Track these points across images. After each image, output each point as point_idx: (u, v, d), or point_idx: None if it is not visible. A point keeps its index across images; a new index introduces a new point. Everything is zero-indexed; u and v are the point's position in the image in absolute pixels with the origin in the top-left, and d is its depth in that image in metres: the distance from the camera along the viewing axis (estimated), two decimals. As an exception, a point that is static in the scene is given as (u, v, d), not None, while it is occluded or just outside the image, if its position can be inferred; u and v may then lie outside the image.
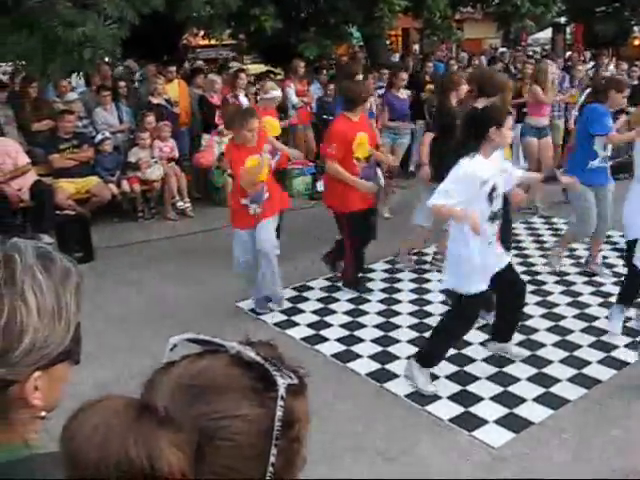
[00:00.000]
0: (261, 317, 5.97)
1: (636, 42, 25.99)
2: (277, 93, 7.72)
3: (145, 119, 9.26)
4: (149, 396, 0.97)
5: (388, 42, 22.75)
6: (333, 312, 6.02)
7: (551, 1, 13.50)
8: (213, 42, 15.13)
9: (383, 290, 6.49)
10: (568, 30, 27.10)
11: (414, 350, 5.20)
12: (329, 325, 5.77)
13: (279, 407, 0.96)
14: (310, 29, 10.89)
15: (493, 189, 4.44)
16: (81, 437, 0.87)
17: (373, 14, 10.49)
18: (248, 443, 0.94)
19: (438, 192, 4.37)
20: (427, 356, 4.75)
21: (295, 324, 5.82)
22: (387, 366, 5.04)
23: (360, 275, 6.62)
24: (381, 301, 6.23)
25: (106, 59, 10.00)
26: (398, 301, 6.22)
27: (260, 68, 13.36)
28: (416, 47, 24.18)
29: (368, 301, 6.24)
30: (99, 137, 9.06)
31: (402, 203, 8.67)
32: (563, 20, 24.63)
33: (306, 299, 6.32)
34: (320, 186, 9.09)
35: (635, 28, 24.54)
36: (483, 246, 4.46)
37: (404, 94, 9.66)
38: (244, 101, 9.82)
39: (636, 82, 10.39)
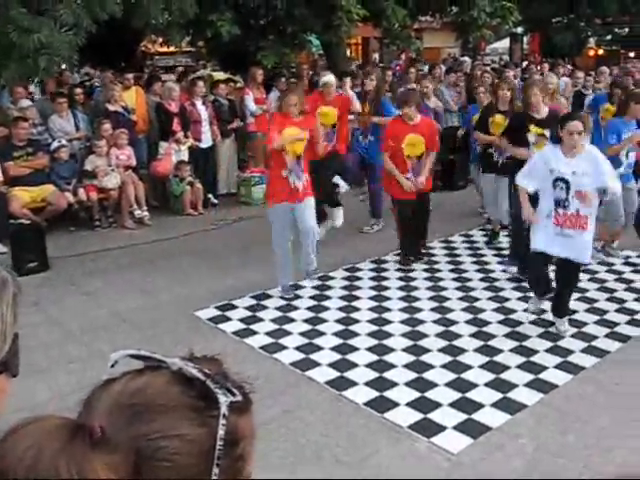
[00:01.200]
0: (219, 326, 5.91)
1: (591, 52, 26.49)
2: (326, 79, 8.06)
3: (102, 126, 9.15)
4: (87, 415, 0.93)
5: (348, 51, 22.89)
6: (292, 320, 5.99)
7: (508, 12, 13.68)
8: (172, 50, 15.07)
9: (342, 298, 6.48)
10: (525, 40, 27.51)
11: (373, 358, 5.22)
12: (288, 333, 5.74)
13: (221, 426, 0.92)
14: (268, 37, 10.86)
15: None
16: (12, 457, 0.83)
17: (331, 22, 10.52)
18: (188, 463, 0.90)
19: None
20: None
21: (254, 333, 5.77)
22: (346, 374, 5.02)
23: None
24: (340, 309, 6.22)
25: (63, 66, 9.86)
26: (357, 309, 6.22)
27: (219, 76, 13.28)
28: (376, 56, 24.33)
29: (327, 309, 6.22)
30: (55, 144, 8.92)
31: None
32: (520, 30, 25.02)
33: (265, 307, 6.29)
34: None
35: (590, 39, 25.01)
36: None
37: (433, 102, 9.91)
38: (202, 109, 9.78)
39: (590, 91, 10.57)
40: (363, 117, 8.46)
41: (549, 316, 5.94)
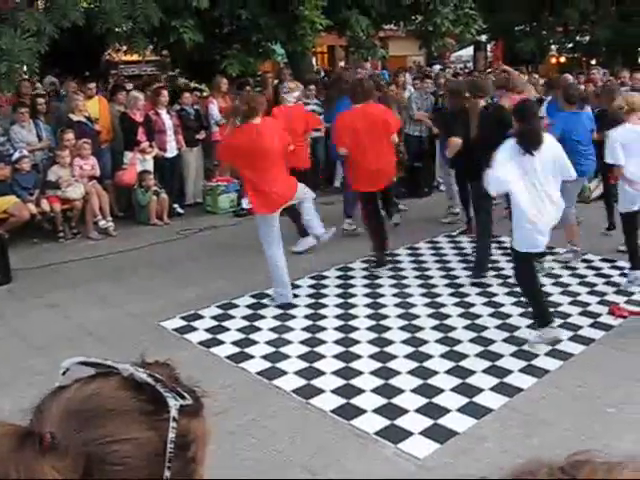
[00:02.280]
0: (185, 336, 5.88)
1: (553, 60, 26.88)
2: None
3: (65, 136, 9.06)
4: (37, 422, 0.95)
5: (314, 59, 22.96)
6: (258, 329, 5.98)
7: (470, 20, 13.82)
8: (137, 58, 14.98)
9: (308, 306, 6.48)
10: (489, 48, 27.83)
11: (339, 365, 5.23)
12: (254, 342, 5.72)
13: (171, 429, 0.93)
14: (233, 46, 10.85)
15: None
16: None
17: (295, 32, 10.54)
18: (139, 466, 0.92)
19: None
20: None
21: (220, 342, 5.75)
22: (313, 382, 5.02)
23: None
24: (306, 317, 6.23)
25: (25, 75, 9.76)
26: (323, 316, 6.22)
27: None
28: (342, 64, 24.42)
29: (293, 317, 6.22)
30: (16, 155, 8.79)
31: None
32: (484, 38, 25.30)
33: (231, 317, 6.26)
34: (245, 203, 9.07)
35: (552, 46, 25.37)
36: None
37: None
38: (166, 118, 9.73)
39: (550, 98, 10.66)
40: None
41: (513, 321, 6.02)
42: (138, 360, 1.03)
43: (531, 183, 5.29)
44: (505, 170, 5.27)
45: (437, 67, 24.51)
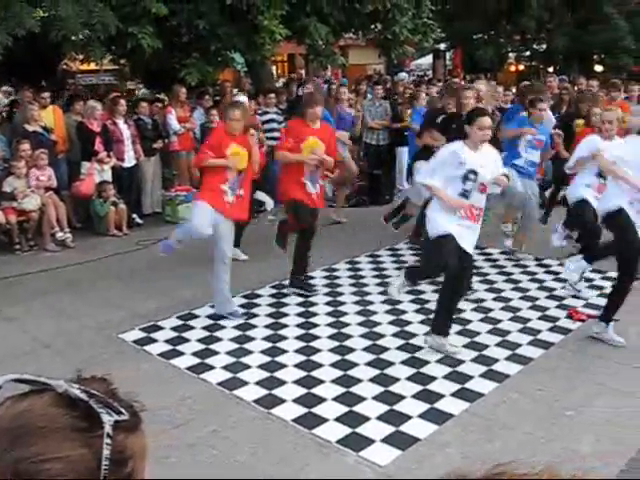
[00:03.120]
0: (145, 348, 5.80)
1: (512, 68, 27.28)
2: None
3: (20, 147, 8.90)
4: None
5: (274, 67, 22.95)
6: (219, 339, 5.92)
7: (429, 29, 13.93)
8: (95, 67, 14.82)
9: (269, 315, 6.45)
10: (448, 56, 28.13)
11: (301, 374, 5.21)
12: (215, 353, 5.66)
13: (105, 445, 0.91)
14: (191, 54, 10.79)
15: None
16: None
17: (254, 41, 10.51)
18: None
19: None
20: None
21: (180, 353, 5.68)
22: (274, 392, 4.99)
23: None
24: (267, 326, 6.19)
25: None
26: (284, 325, 6.20)
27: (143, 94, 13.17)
28: (302, 72, 24.46)
29: (254, 327, 6.18)
30: (-30, 167, 8.64)
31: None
32: (443, 46, 25.59)
33: (191, 327, 6.20)
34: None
35: (510, 55, 25.76)
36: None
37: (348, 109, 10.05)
38: (124, 128, 9.63)
39: (509, 105, 10.83)
40: None
41: (473, 326, 6.06)
42: (74, 376, 1.01)
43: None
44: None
45: (403, 75, 24.74)
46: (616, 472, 3.98)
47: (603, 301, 6.57)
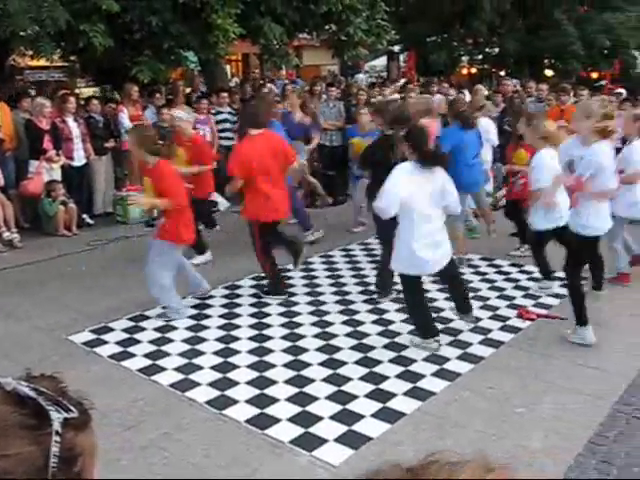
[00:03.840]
0: (95, 350, 5.71)
1: (464, 71, 27.64)
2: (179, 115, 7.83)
3: (-34, 145, 8.70)
4: None
5: (228, 67, 22.86)
6: (171, 341, 5.86)
7: (382, 31, 14.01)
8: (44, 64, 14.54)
9: (222, 316, 6.41)
10: (402, 58, 28.36)
11: (253, 375, 5.19)
12: (167, 354, 5.60)
13: (54, 443, 0.91)
14: (144, 52, 10.66)
15: None
16: None
17: (208, 40, 10.43)
18: None
19: None
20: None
21: (131, 355, 5.61)
22: (226, 392, 4.96)
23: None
24: (220, 327, 6.15)
25: None
26: (237, 326, 6.16)
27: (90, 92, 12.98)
28: (256, 72, 24.42)
29: (207, 328, 6.13)
30: None
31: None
32: (397, 48, 25.78)
33: (143, 329, 6.12)
34: (156, 213, 8.88)
35: (463, 58, 26.09)
36: None
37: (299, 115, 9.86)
38: (73, 126, 9.48)
39: (464, 108, 10.91)
40: None
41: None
42: (23, 374, 1.00)
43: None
44: None
45: (361, 76, 24.87)
46: (564, 468, 4.06)
47: (553, 300, 6.73)
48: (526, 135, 6.83)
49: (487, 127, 8.88)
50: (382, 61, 29.75)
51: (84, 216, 9.76)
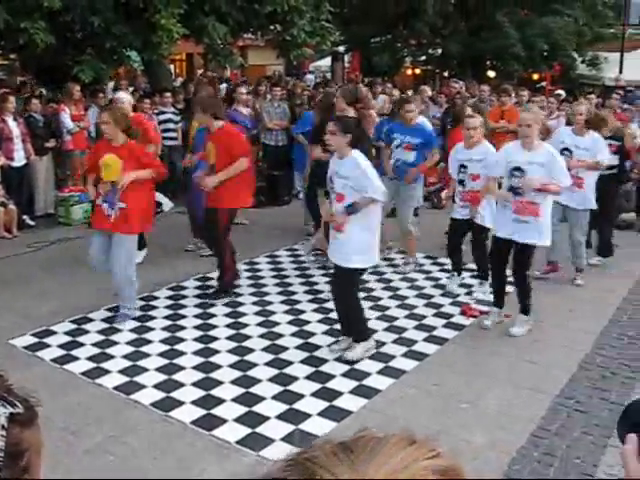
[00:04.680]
0: (37, 354, 5.61)
1: (409, 72, 27.94)
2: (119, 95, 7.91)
3: None
4: None
5: (172, 66, 22.66)
6: (115, 343, 5.79)
7: (327, 32, 14.06)
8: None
9: (167, 317, 6.35)
10: (347, 59, 28.49)
11: (199, 376, 5.17)
12: (111, 357, 5.53)
13: (0, 437, 0.91)
14: (85, 51, 10.47)
15: None
16: None
17: (151, 40, 10.30)
18: None
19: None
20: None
21: (74, 358, 5.52)
22: (172, 394, 4.92)
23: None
24: (164, 329, 6.09)
25: None
26: (182, 327, 6.11)
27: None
28: (200, 72, 24.24)
29: (151, 329, 6.07)
30: None
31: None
32: (342, 49, 25.90)
33: (86, 332, 6.02)
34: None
35: (407, 58, 26.35)
36: None
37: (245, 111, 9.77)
38: (13, 125, 9.27)
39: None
40: None
41: (371, 324, 6.16)
42: None
43: None
44: None
45: (310, 77, 24.92)
46: (507, 460, 4.15)
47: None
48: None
49: None
50: (327, 62, 29.84)
51: (24, 217, 9.54)
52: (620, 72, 22.12)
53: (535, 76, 24.99)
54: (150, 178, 6.11)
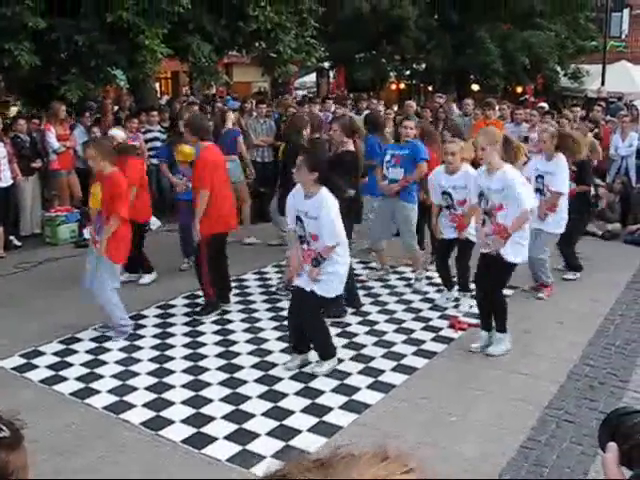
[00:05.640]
0: (25, 375, 5.58)
1: (393, 86, 28.09)
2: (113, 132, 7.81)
3: None
4: None
5: (158, 84, 22.69)
6: (104, 363, 5.77)
7: (312, 48, 14.13)
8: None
9: (156, 336, 6.33)
10: (332, 74, 28.63)
11: (189, 394, 5.15)
12: (100, 377, 5.51)
13: None
14: (71, 70, 10.48)
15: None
16: None
17: (136, 59, 10.33)
18: None
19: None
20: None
21: (63, 379, 5.49)
22: (162, 413, 4.91)
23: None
24: (154, 347, 6.08)
25: None
26: (171, 346, 6.10)
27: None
28: (186, 89, 24.30)
29: (140, 348, 6.06)
30: None
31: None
32: (327, 65, 26.03)
33: (75, 352, 6.00)
34: (86, 233, 8.74)
35: (391, 73, 26.49)
36: None
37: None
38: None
39: (392, 124, 11.09)
40: None
41: (360, 339, 6.18)
42: None
43: None
44: None
45: (300, 92, 25.02)
46: (498, 471, 4.16)
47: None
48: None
49: None
50: (312, 77, 29.98)
51: (11, 238, 9.51)
52: (602, 84, 22.33)
53: (519, 89, 25.21)
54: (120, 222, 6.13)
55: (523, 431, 4.65)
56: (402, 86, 27.76)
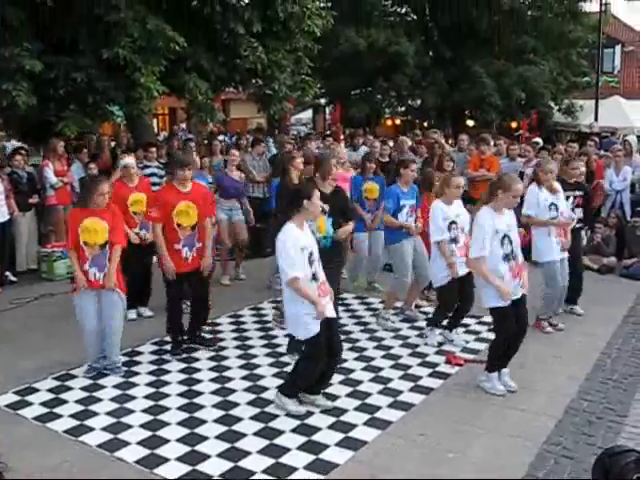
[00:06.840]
0: (19, 412, 5.53)
1: (389, 122, 28.35)
2: (125, 161, 7.83)
3: None
4: None
5: (155, 120, 22.86)
6: (99, 400, 5.72)
7: (307, 85, 14.26)
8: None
9: (150, 372, 6.30)
10: (328, 110, 28.90)
11: (184, 432, 5.11)
12: (94, 414, 5.46)
13: None
14: (69, 107, 10.56)
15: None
16: None
17: (132, 96, 10.41)
18: None
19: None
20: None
21: (58, 416, 5.44)
22: (157, 451, 4.86)
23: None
24: (149, 384, 6.03)
25: None
26: (166, 383, 6.06)
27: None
28: (183, 126, 24.48)
29: (135, 385, 6.01)
30: None
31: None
32: (323, 101, 26.29)
33: (69, 388, 5.96)
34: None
35: (386, 109, 26.76)
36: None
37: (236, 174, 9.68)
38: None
39: (387, 159, 11.13)
40: None
41: (356, 376, 6.14)
42: None
43: None
44: None
45: (302, 128, 25.26)
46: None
47: (480, 345, 6.87)
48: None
49: None
50: (308, 114, 30.25)
51: (6, 273, 9.50)
52: (595, 119, 22.54)
53: (513, 124, 25.43)
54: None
55: (521, 467, 4.62)
56: (398, 122, 28.02)
